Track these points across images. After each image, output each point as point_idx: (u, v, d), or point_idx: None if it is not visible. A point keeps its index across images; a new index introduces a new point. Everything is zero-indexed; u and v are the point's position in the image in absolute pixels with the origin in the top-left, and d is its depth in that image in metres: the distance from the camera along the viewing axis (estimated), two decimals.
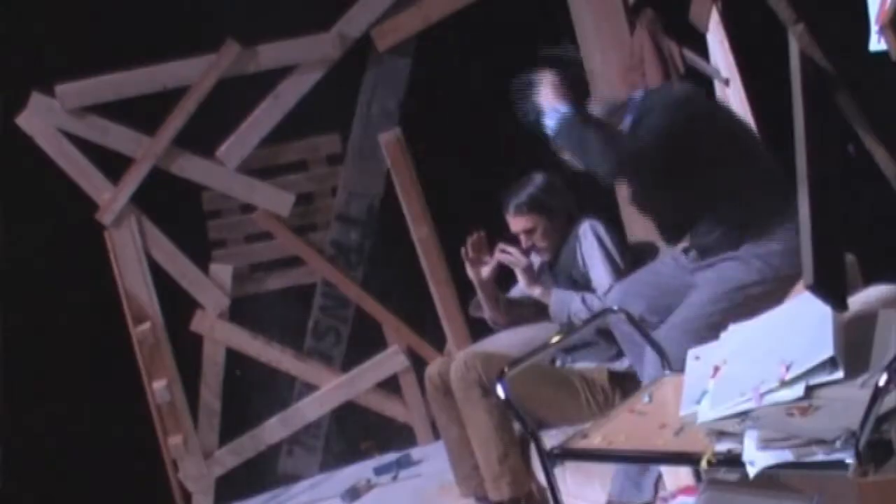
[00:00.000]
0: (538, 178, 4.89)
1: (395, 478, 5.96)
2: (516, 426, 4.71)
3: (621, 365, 4.68)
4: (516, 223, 4.90)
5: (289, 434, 6.33)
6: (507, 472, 4.77)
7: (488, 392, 4.66)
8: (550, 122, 4.22)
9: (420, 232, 6.08)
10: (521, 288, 4.95)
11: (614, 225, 4.94)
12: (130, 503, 6.19)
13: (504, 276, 5.06)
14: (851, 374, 3.05)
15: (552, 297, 4.79)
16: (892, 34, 2.86)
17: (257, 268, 6.33)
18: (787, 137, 3.36)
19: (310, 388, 6.31)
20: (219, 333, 6.19)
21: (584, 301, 4.69)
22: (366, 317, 6.28)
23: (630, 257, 4.78)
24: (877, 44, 2.94)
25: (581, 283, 4.78)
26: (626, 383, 4.59)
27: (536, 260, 5.03)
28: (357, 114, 6.21)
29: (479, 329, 5.41)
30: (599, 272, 4.72)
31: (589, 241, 4.76)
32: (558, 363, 4.89)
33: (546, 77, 4.28)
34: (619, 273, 4.66)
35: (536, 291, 4.87)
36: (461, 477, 5.04)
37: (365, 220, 6.28)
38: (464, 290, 5.39)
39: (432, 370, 5.01)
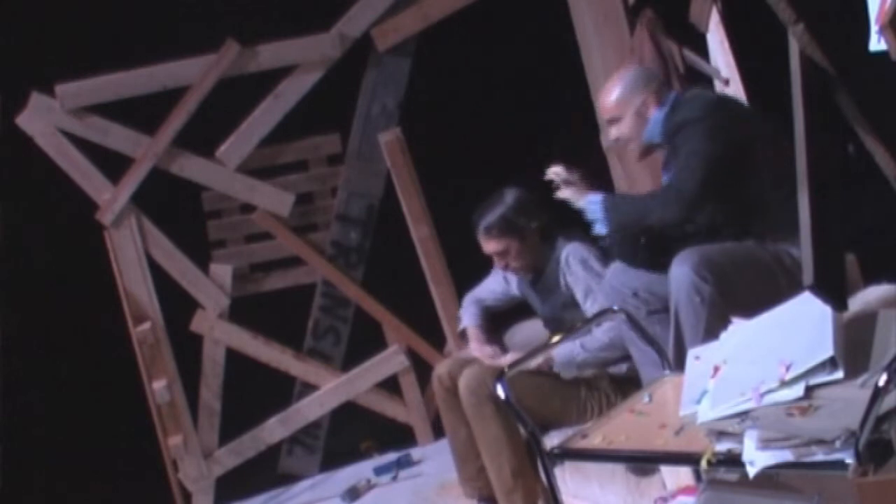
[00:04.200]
0: (508, 197, 4.79)
1: (395, 478, 5.96)
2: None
3: (621, 369, 4.67)
4: (487, 246, 4.81)
5: (289, 434, 6.33)
6: (520, 487, 4.72)
7: (501, 407, 4.57)
8: (596, 217, 4.16)
9: (420, 232, 6.08)
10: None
11: (593, 241, 4.72)
12: (130, 503, 6.18)
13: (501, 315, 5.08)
14: (851, 374, 3.06)
15: (556, 361, 4.67)
16: (892, 34, 2.86)
17: (257, 268, 6.33)
18: (787, 137, 3.36)
19: (310, 388, 6.31)
20: (219, 333, 6.19)
21: (583, 346, 4.62)
22: (366, 317, 6.27)
23: None
24: (877, 44, 2.93)
25: (569, 305, 4.73)
26: (627, 387, 4.56)
27: (514, 280, 4.99)
28: (357, 114, 6.20)
29: None
30: (590, 301, 4.63)
31: (573, 271, 4.67)
32: None
33: (561, 178, 4.25)
34: None
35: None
36: (465, 478, 5.02)
37: (365, 220, 6.27)
38: (464, 291, 5.38)
39: (441, 370, 4.98)
